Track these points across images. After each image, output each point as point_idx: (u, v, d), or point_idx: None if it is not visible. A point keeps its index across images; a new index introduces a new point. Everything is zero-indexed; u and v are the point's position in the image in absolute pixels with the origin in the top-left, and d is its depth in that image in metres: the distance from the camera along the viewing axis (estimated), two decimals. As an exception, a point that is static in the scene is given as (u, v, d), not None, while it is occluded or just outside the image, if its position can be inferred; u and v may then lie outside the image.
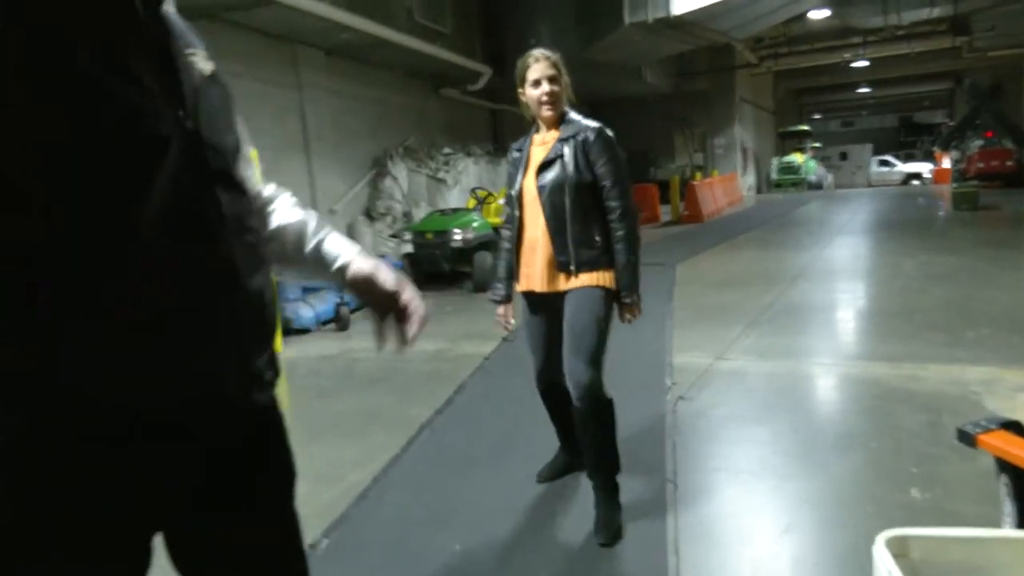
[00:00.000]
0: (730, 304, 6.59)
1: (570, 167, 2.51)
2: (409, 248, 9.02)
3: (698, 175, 19.36)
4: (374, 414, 4.21)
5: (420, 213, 10.35)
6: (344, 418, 4.18)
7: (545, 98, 2.58)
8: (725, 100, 23.06)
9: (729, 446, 3.42)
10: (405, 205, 10.59)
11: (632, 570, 2.33)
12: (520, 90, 2.65)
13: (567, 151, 2.53)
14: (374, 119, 10.90)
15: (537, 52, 2.59)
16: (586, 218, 2.53)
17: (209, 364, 0.96)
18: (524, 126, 2.84)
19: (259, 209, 1.17)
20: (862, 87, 31.92)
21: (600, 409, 2.57)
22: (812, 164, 26.16)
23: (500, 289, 2.81)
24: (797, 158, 25.73)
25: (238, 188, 1.04)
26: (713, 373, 4.50)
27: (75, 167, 0.82)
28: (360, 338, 6.44)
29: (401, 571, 2.47)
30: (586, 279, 2.55)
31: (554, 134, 2.63)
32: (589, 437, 2.62)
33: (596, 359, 2.53)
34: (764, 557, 2.43)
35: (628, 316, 2.63)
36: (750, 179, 25.61)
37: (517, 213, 2.68)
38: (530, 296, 2.73)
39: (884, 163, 30.04)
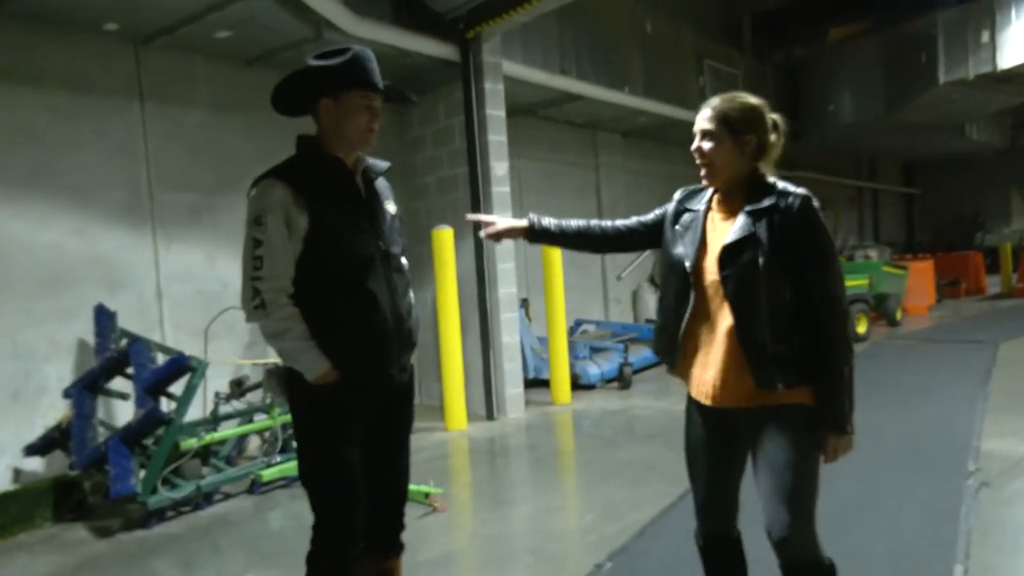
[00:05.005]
0: (1066, 391, 5.72)
1: (767, 251, 1.85)
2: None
3: (1042, 242, 16.56)
4: (651, 465, 4.58)
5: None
6: (625, 466, 4.62)
7: (695, 156, 2.00)
8: (1084, 153, 19.51)
9: (1037, 540, 3.13)
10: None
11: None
12: None
13: (762, 231, 1.87)
14: (664, 192, 11.28)
15: (710, 100, 1.99)
16: (785, 316, 1.87)
17: (386, 357, 2.16)
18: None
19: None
20: None
21: None
22: None
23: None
24: None
25: (403, 272, 2.26)
26: (1030, 464, 4.05)
27: (350, 270, 2.09)
28: (640, 397, 6.87)
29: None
30: (787, 396, 1.88)
31: (738, 202, 1.96)
32: None
33: (809, 509, 1.92)
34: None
35: (835, 452, 1.91)
36: (1123, 246, 21.02)
37: (692, 295, 1.97)
38: (698, 409, 2.08)
39: None
